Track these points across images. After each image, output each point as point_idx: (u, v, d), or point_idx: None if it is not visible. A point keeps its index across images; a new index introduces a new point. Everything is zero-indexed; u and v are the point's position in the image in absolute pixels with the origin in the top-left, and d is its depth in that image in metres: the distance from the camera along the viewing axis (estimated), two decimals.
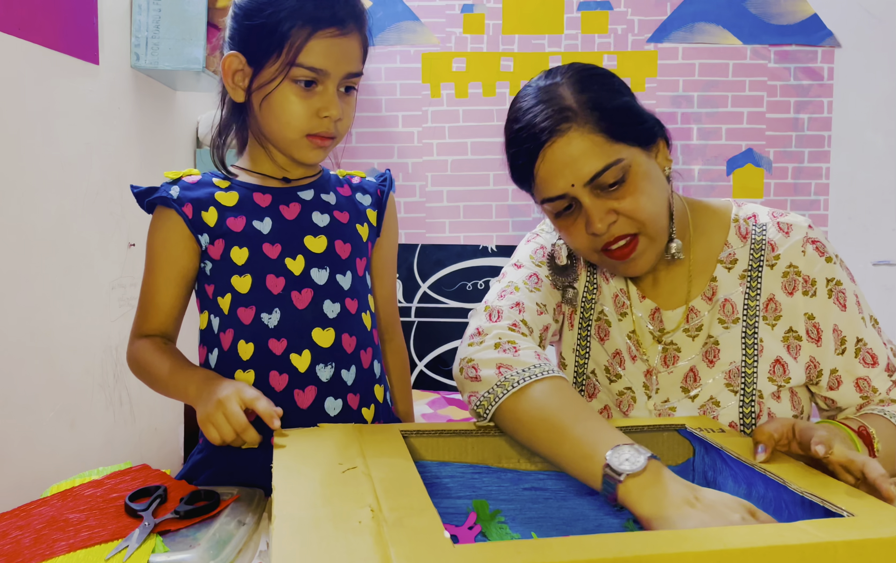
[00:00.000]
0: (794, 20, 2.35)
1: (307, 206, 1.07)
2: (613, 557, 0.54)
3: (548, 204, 0.99)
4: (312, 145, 1.01)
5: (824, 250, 1.03)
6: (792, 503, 0.72)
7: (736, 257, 1.06)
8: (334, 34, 0.97)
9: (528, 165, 0.97)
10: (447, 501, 0.83)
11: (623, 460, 0.73)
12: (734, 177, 2.39)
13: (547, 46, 2.41)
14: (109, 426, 1.64)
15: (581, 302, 1.13)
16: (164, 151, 1.96)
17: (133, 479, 0.97)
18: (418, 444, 0.89)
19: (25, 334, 1.35)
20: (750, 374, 1.02)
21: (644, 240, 0.99)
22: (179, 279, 1.05)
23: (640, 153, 0.97)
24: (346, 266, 1.07)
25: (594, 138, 0.94)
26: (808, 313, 1.02)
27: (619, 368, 1.10)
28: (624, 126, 0.96)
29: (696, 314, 1.07)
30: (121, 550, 0.76)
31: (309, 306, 1.03)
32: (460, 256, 2.47)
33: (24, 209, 1.35)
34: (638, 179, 0.96)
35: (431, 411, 2.21)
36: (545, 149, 0.95)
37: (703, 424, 0.93)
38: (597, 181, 0.95)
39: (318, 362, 1.03)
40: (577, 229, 0.99)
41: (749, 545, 0.56)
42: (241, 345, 1.02)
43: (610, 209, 0.96)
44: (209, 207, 1.03)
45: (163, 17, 1.75)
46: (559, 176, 0.96)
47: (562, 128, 0.94)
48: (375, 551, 0.55)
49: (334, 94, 0.99)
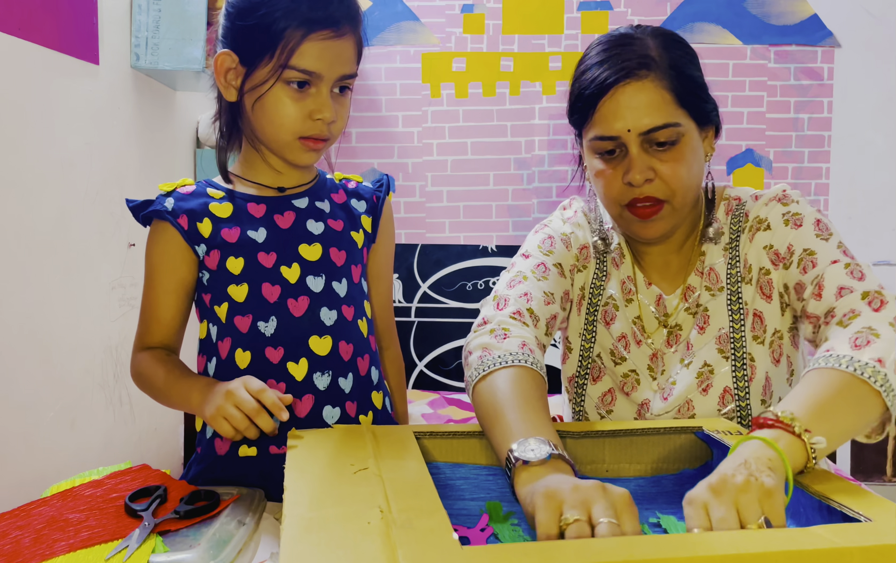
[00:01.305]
0: (794, 20, 2.35)
1: (301, 214, 1.06)
2: (624, 560, 0.53)
3: (597, 141, 1.02)
4: (305, 148, 1.00)
5: (784, 198, 1.06)
6: (809, 508, 0.72)
7: (722, 231, 1.10)
8: (328, 36, 0.96)
9: (595, 98, 0.99)
10: (460, 503, 0.83)
11: (528, 450, 0.74)
12: (734, 177, 2.39)
13: (547, 46, 2.41)
14: (109, 426, 1.64)
15: (590, 288, 1.15)
16: (164, 151, 1.96)
17: (133, 479, 0.97)
18: (431, 445, 0.89)
19: (25, 334, 1.34)
20: (738, 339, 1.05)
21: (668, 208, 1.02)
22: (179, 290, 1.05)
23: (694, 128, 1.01)
24: (342, 273, 1.06)
25: (665, 95, 0.98)
26: (766, 245, 1.04)
27: (623, 351, 1.12)
28: (692, 96, 1.00)
29: (691, 291, 1.10)
30: (121, 550, 0.76)
31: (305, 314, 1.02)
32: (460, 256, 2.46)
33: (24, 209, 1.35)
34: (686, 149, 1.00)
35: (431, 412, 2.21)
36: (618, 87, 0.98)
37: (720, 426, 0.93)
38: (652, 135, 0.98)
39: (315, 370, 1.02)
40: (615, 176, 1.02)
41: (764, 550, 0.55)
42: (238, 353, 1.01)
43: (651, 166, 0.99)
44: (203, 218, 1.03)
45: (163, 17, 1.75)
46: (621, 117, 0.98)
47: (640, 73, 0.98)
48: (383, 552, 0.54)
49: (328, 96, 0.98)
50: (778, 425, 0.75)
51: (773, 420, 0.76)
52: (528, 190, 2.44)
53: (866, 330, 0.86)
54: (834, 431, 0.76)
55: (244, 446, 1.01)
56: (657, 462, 0.95)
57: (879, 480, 2.31)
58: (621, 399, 1.12)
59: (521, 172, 2.44)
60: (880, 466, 2.33)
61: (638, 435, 0.94)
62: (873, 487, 2.25)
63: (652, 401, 1.08)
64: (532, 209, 2.43)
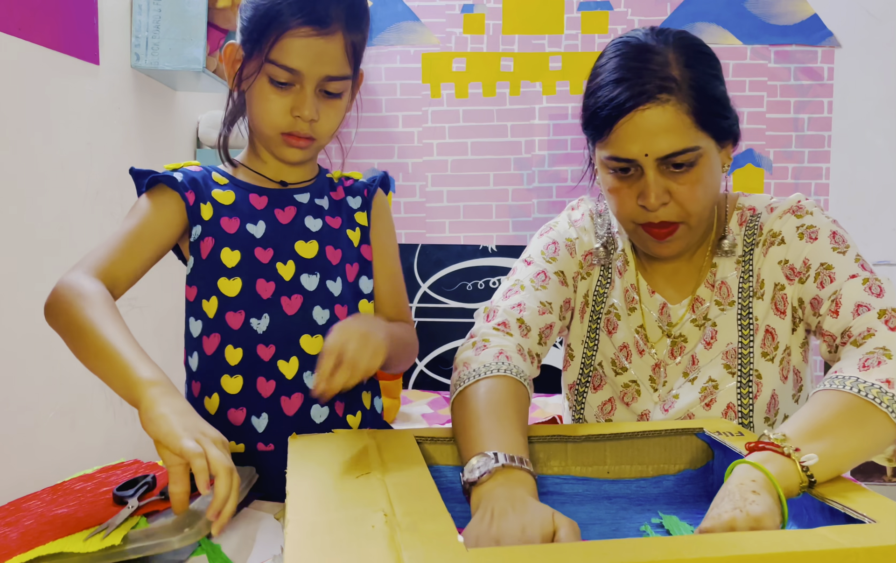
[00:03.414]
0: (794, 20, 2.35)
1: (302, 209, 1.06)
2: (629, 561, 0.53)
3: (612, 161, 0.98)
4: (287, 144, 1.00)
5: (798, 211, 1.04)
6: (812, 509, 0.72)
7: (735, 243, 1.07)
8: (310, 34, 0.94)
9: (613, 119, 0.95)
10: (462, 506, 0.83)
11: (472, 470, 0.76)
12: (734, 177, 2.39)
13: (547, 46, 2.41)
14: (109, 426, 1.64)
15: (593, 296, 1.14)
16: (164, 151, 1.96)
17: (124, 472, 0.98)
18: (433, 450, 0.89)
19: (26, 334, 1.34)
20: (746, 355, 1.03)
21: (684, 228, 1.00)
22: (154, 248, 0.97)
23: (714, 146, 0.99)
24: (337, 272, 1.05)
25: (685, 119, 0.94)
26: (781, 260, 1.02)
27: (625, 361, 1.10)
28: (713, 116, 0.96)
29: (700, 304, 1.08)
30: (101, 530, 0.75)
31: (298, 312, 1.02)
32: (460, 256, 2.46)
33: (24, 209, 1.34)
34: (704, 170, 0.97)
35: (431, 412, 2.21)
36: (638, 110, 0.93)
37: (721, 427, 0.93)
38: (670, 160, 0.95)
39: (305, 368, 1.01)
40: (629, 196, 0.99)
41: (768, 551, 0.55)
42: (228, 350, 1.00)
43: (667, 189, 0.97)
44: (207, 201, 1.01)
45: (163, 17, 1.74)
46: (638, 141, 0.94)
47: (661, 97, 0.93)
48: (388, 555, 0.54)
49: (310, 95, 0.96)
50: (768, 447, 0.75)
51: (764, 443, 0.76)
52: (528, 190, 2.43)
53: (879, 351, 0.85)
54: (834, 451, 0.75)
55: (233, 443, 1.00)
56: (658, 464, 0.95)
57: (879, 480, 2.31)
58: (621, 409, 1.11)
59: (521, 172, 2.43)
60: (880, 466, 2.33)
61: (639, 437, 0.93)
62: (873, 487, 2.25)
63: (652, 412, 1.07)
64: (532, 209, 2.43)
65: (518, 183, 2.44)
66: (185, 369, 1.05)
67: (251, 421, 1.00)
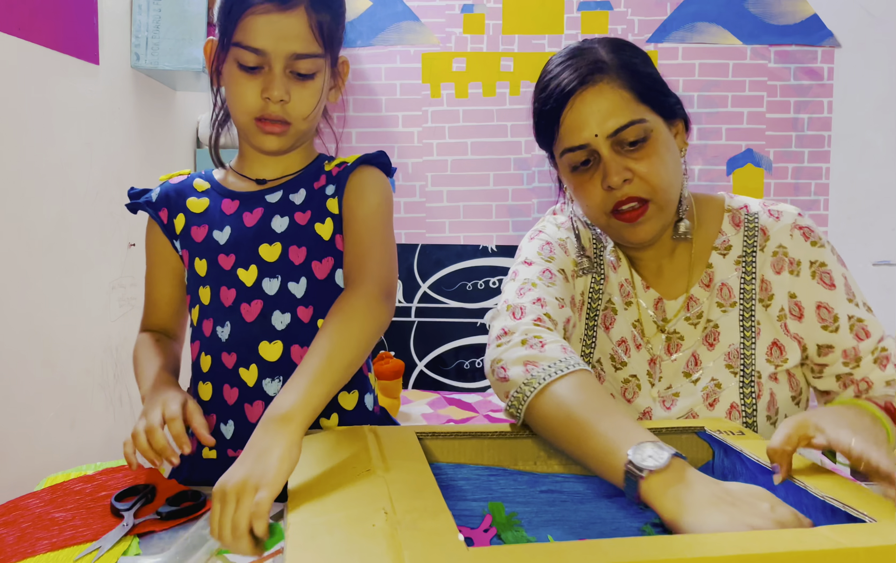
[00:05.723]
0: (794, 20, 2.35)
1: (270, 210, 1.03)
2: (630, 561, 0.53)
3: (568, 155, 1.01)
4: (262, 131, 0.98)
5: (810, 235, 1.05)
6: (813, 508, 0.72)
7: (730, 244, 1.08)
8: (270, 10, 0.93)
9: (556, 112, 1.00)
10: (462, 503, 0.83)
11: (646, 457, 0.72)
12: (734, 177, 2.39)
13: (547, 46, 2.41)
14: (109, 426, 1.64)
15: (588, 293, 1.14)
16: (164, 151, 1.96)
17: (124, 476, 0.98)
18: (433, 446, 0.89)
19: (25, 334, 1.34)
20: (748, 355, 1.04)
21: (653, 207, 1.01)
22: (171, 277, 1.08)
23: (661, 123, 1.01)
24: (301, 273, 1.02)
25: (623, 94, 0.98)
26: (790, 293, 1.04)
27: (623, 355, 1.11)
28: (651, 91, 1.00)
29: (695, 302, 1.08)
30: (92, 550, 0.76)
31: (257, 319, 1.00)
32: (460, 256, 2.46)
33: (24, 209, 1.34)
34: (658, 144, 0.99)
35: (431, 412, 2.21)
36: (576, 96, 0.98)
37: (722, 426, 0.93)
38: (619, 136, 0.98)
39: (265, 376, 1.00)
40: (593, 185, 1.01)
41: (769, 550, 0.55)
42: (202, 357, 1.02)
43: (627, 167, 0.99)
44: (178, 213, 1.05)
45: (163, 17, 1.74)
46: (584, 126, 0.98)
47: (595, 78, 0.98)
48: (389, 554, 0.54)
49: (279, 74, 0.95)
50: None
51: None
52: (528, 190, 2.44)
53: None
54: None
55: (206, 450, 1.00)
56: None
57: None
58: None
59: (521, 172, 2.44)
60: None
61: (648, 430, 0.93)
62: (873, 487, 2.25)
63: (654, 410, 1.08)
64: (532, 209, 2.43)
65: (518, 183, 2.44)
66: None
67: (220, 428, 1.00)
